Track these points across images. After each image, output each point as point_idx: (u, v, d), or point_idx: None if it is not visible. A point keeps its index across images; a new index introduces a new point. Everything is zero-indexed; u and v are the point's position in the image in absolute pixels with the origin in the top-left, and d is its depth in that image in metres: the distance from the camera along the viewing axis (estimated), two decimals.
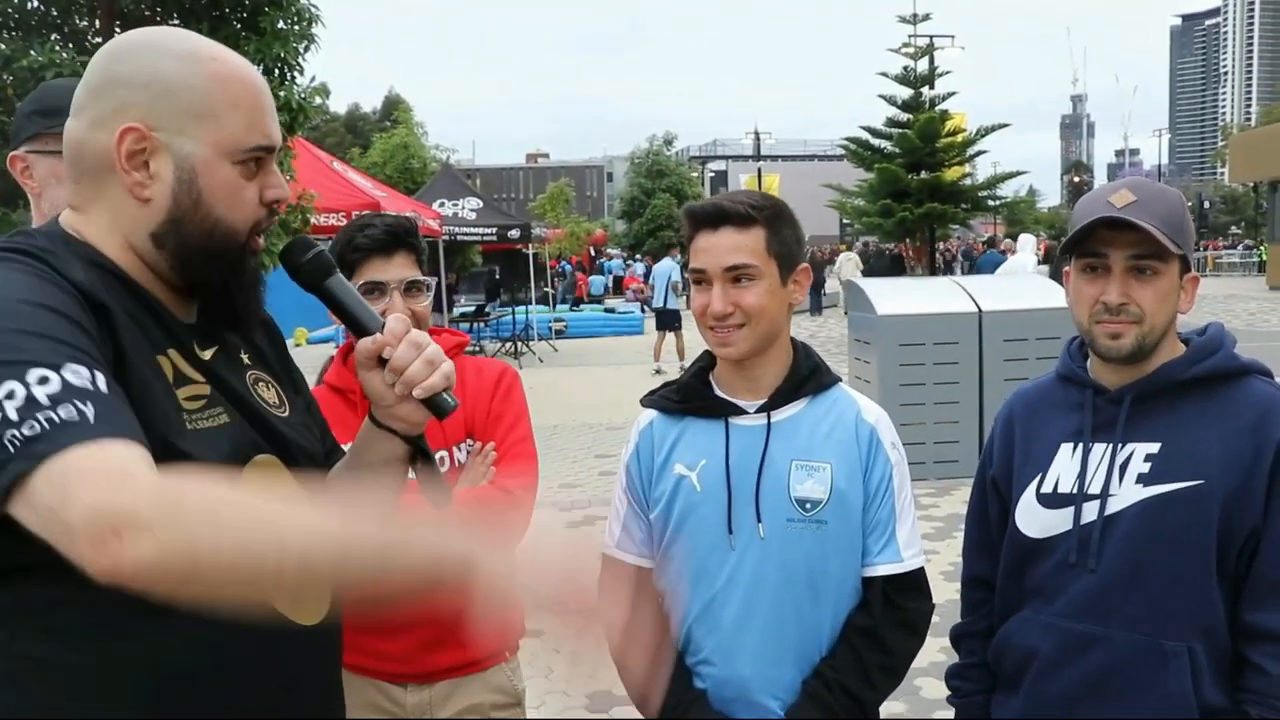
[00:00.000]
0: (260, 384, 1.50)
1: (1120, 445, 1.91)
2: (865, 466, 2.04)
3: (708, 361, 2.16)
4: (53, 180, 2.15)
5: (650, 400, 2.18)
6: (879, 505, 2.04)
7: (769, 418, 2.05)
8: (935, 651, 4.86)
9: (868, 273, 27.02)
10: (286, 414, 1.51)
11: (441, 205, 19.56)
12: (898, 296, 9.65)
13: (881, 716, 2.10)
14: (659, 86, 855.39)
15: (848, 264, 29.04)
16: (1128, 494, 1.87)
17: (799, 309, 2.16)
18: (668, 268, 17.59)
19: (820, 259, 33.79)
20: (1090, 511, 1.90)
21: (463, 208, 20.21)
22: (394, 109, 36.81)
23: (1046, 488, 1.97)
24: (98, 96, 1.36)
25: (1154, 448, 1.88)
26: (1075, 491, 1.93)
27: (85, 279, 1.27)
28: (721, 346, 2.03)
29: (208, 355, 1.42)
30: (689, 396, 2.11)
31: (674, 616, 2.07)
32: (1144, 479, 1.87)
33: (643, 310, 28.32)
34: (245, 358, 1.51)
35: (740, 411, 2.06)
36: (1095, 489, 1.91)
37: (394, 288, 2.35)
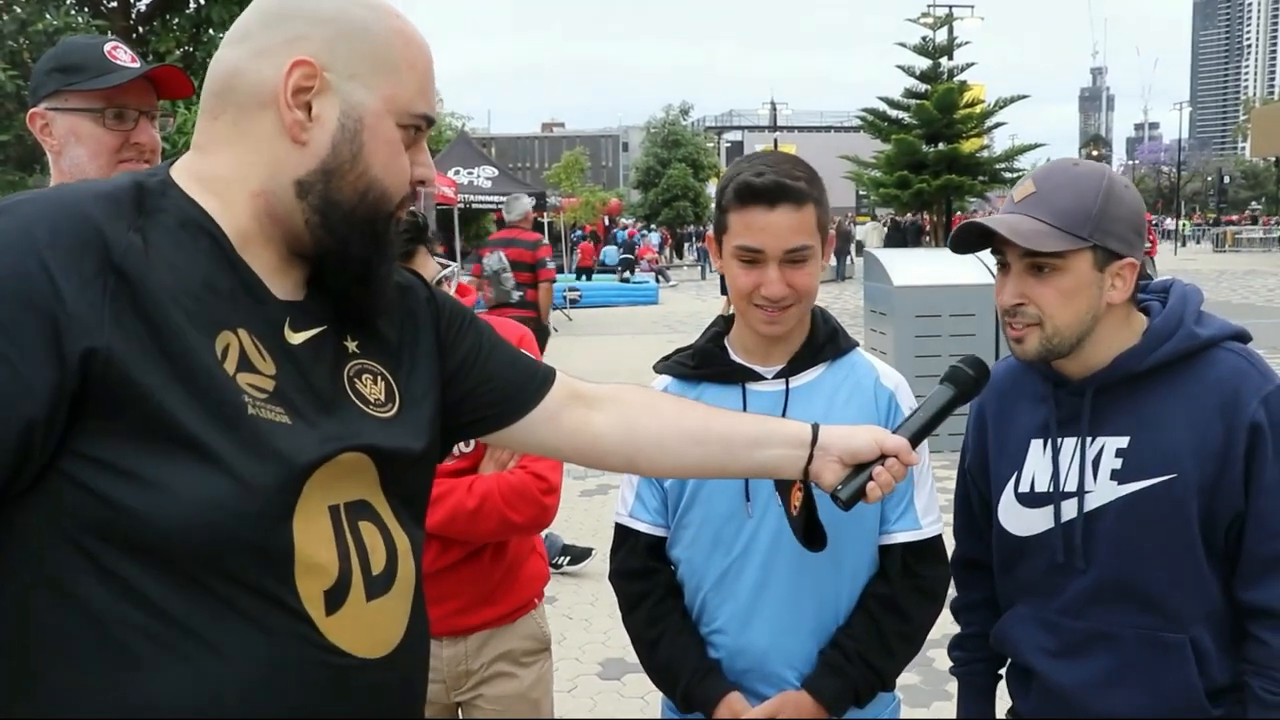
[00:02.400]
0: (365, 376, 1.34)
1: (1090, 440, 1.85)
2: None
3: (723, 326, 2.12)
4: (72, 138, 2.15)
5: (664, 366, 2.13)
6: None
7: (787, 384, 2.01)
8: (949, 624, 4.86)
9: (888, 243, 26.96)
10: (392, 412, 1.34)
11: (457, 173, 19.57)
12: (914, 267, 9.60)
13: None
14: (676, 56, 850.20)
15: (872, 234, 28.98)
16: (1104, 491, 1.82)
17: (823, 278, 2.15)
18: None
19: (848, 229, 33.55)
20: (1070, 509, 1.86)
21: (478, 176, 20.23)
22: None
23: (1024, 487, 1.93)
24: (270, 25, 1.25)
25: (1123, 442, 1.81)
26: (1052, 490, 1.88)
27: (124, 241, 1.13)
28: (769, 325, 1.97)
29: (299, 339, 1.26)
30: (705, 362, 2.07)
31: (689, 586, 2.07)
32: (1118, 475, 1.81)
33: (657, 280, 28.31)
34: (353, 346, 1.34)
35: (758, 377, 2.03)
36: (1071, 486, 1.86)
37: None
